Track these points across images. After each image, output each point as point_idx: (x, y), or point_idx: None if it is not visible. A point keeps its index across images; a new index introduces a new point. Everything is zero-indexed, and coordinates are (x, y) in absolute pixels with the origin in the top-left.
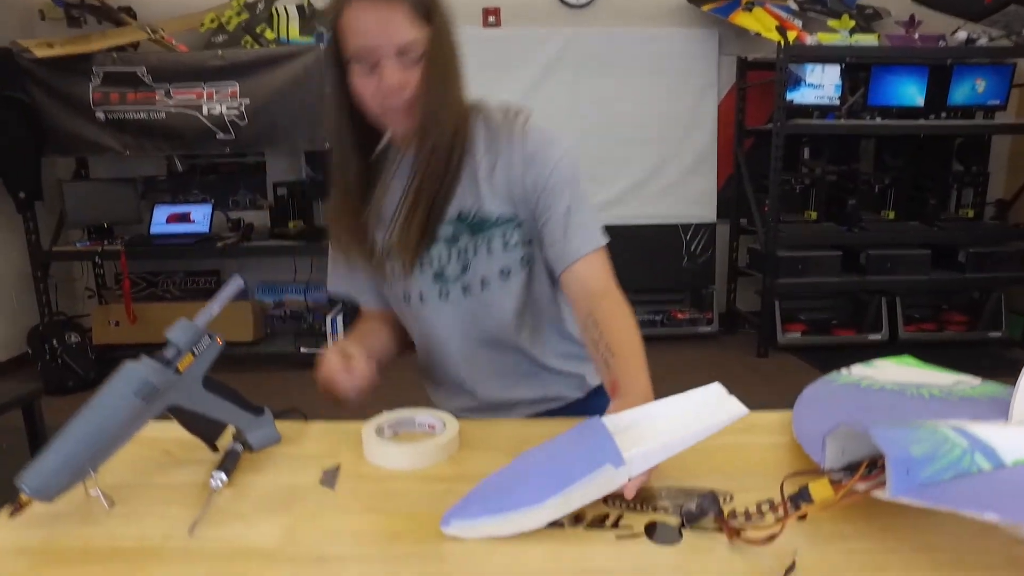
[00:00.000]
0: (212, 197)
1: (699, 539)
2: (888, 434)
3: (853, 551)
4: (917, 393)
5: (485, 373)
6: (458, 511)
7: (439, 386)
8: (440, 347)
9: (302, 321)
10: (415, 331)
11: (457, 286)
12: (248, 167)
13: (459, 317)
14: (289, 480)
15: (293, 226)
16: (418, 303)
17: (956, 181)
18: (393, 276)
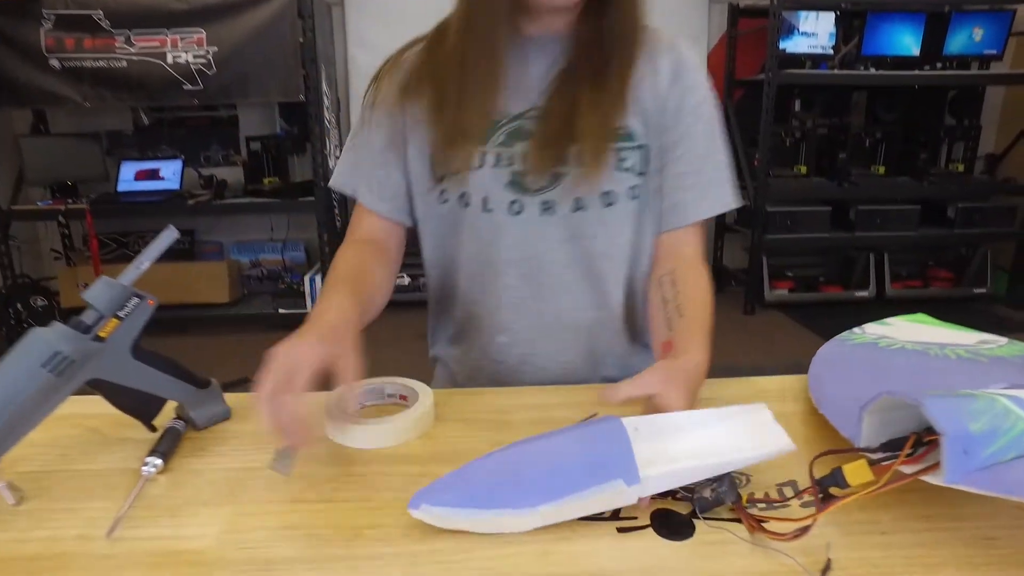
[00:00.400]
0: (182, 153)
1: (714, 532)
2: (942, 406)
3: (893, 545)
4: (942, 353)
5: (536, 331)
6: (431, 494)
7: (459, 336)
8: (487, 282)
9: (280, 281)
10: (456, 251)
11: (536, 201)
12: (219, 121)
13: (530, 243)
14: (236, 464)
15: (268, 182)
16: (478, 212)
17: (948, 135)
18: (459, 168)
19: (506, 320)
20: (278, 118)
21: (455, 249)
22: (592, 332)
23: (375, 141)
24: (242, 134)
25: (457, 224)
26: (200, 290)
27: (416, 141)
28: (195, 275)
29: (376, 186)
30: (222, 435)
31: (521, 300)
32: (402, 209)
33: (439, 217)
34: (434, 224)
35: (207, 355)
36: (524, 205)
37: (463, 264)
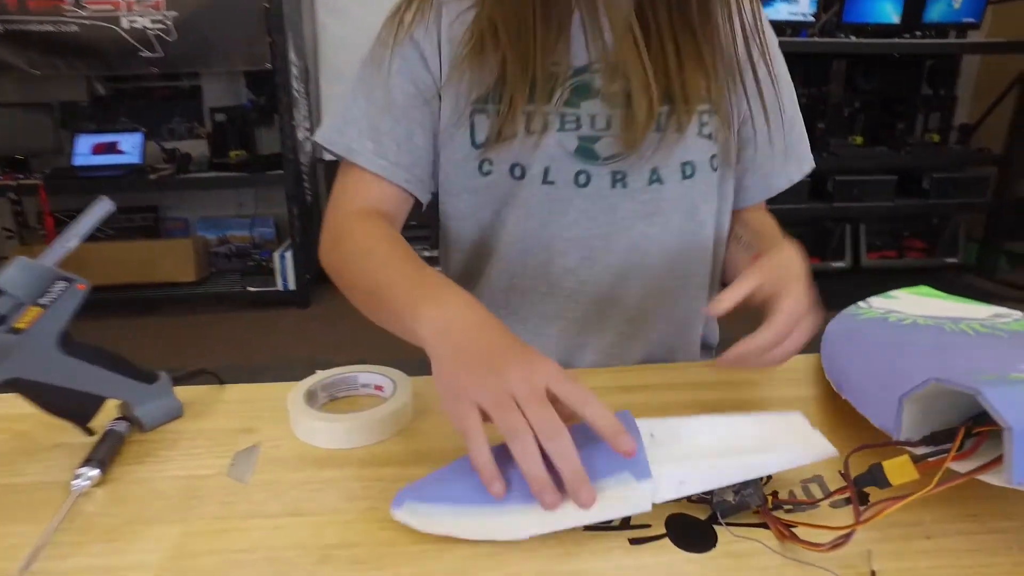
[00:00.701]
0: (143, 125)
1: (739, 541)
2: (1005, 396)
3: (942, 552)
4: (958, 328)
5: (593, 322)
6: (418, 491)
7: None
8: (537, 265)
9: (248, 258)
10: (498, 230)
11: (606, 171)
12: (182, 91)
13: (596, 220)
14: (188, 470)
15: (235, 156)
16: (536, 184)
17: (924, 105)
18: (512, 133)
19: (558, 309)
20: (244, 88)
21: (496, 227)
22: (664, 323)
23: (396, 90)
24: (206, 105)
25: (503, 199)
26: (165, 268)
27: (451, 96)
28: (159, 253)
29: (393, 147)
30: (173, 437)
31: (580, 286)
32: (420, 178)
33: (476, 191)
34: (469, 199)
35: (174, 336)
36: (592, 176)
37: (506, 245)
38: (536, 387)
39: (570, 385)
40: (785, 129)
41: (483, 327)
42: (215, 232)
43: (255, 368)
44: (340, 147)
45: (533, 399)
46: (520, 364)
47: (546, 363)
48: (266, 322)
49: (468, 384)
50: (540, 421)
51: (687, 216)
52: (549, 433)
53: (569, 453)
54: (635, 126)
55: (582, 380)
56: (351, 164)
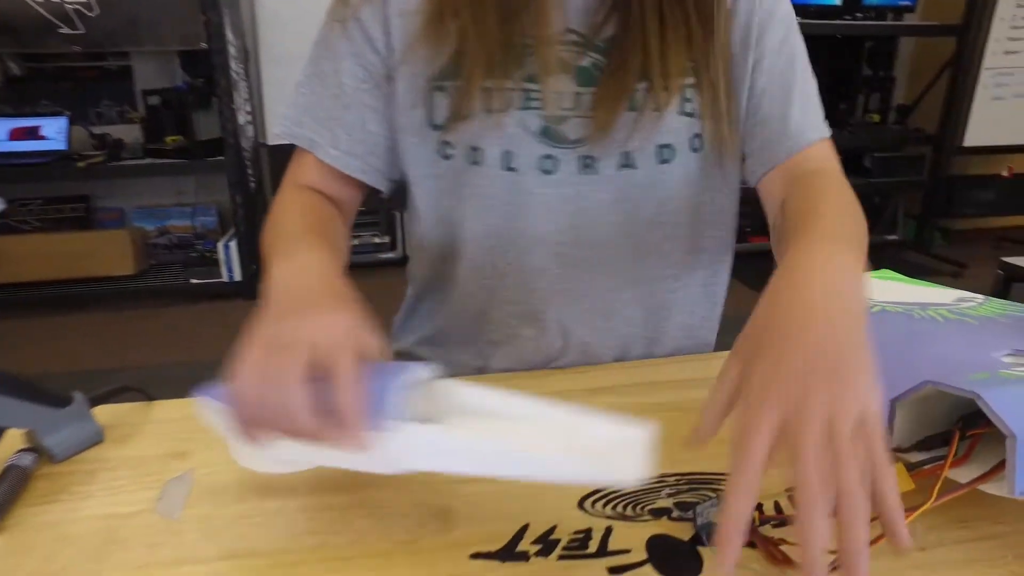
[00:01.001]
0: (67, 108)
1: None
2: (1005, 400)
3: (938, 566)
4: (926, 315)
5: (574, 323)
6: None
7: (449, 335)
8: (507, 263)
9: (191, 249)
10: (462, 224)
11: (573, 155)
12: (110, 72)
13: (566, 212)
14: (108, 508)
15: (171, 141)
16: (496, 170)
17: (865, 85)
18: (469, 111)
19: (532, 310)
20: (179, 69)
21: (459, 222)
22: (644, 318)
23: (345, 76)
24: (138, 87)
25: (463, 187)
26: (100, 262)
27: (407, 75)
28: (93, 245)
29: (344, 136)
30: (90, 467)
31: (553, 284)
32: (377, 168)
33: (437, 178)
34: (430, 187)
35: (111, 334)
36: (559, 161)
37: (471, 243)
38: (337, 337)
39: (341, 355)
40: (790, 91)
41: (317, 282)
42: (153, 222)
43: (201, 365)
44: (302, 140)
45: (335, 346)
46: (325, 315)
47: (346, 323)
48: (212, 315)
49: (265, 331)
50: (343, 365)
51: (660, 204)
52: (343, 380)
53: (357, 403)
54: (606, 104)
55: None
56: (304, 151)
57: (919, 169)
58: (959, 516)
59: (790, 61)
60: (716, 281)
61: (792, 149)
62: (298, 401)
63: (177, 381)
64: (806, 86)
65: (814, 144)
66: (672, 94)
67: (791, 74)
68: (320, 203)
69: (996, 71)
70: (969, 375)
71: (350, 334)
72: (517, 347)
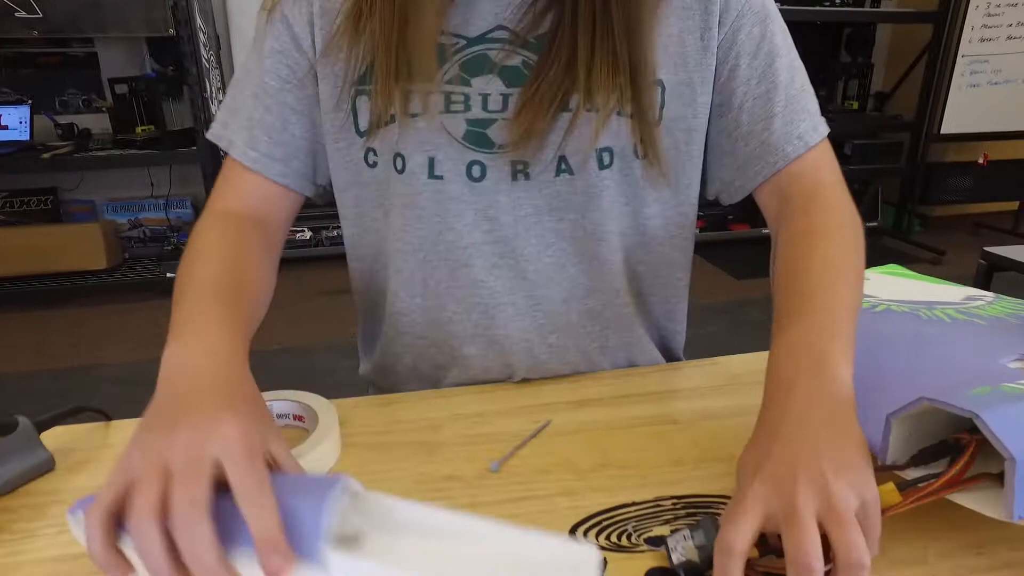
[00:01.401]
0: (30, 97)
1: None
2: (1005, 420)
3: None
4: (933, 315)
5: (520, 338)
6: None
7: (390, 353)
8: (440, 278)
9: (165, 242)
10: (390, 235)
11: (503, 161)
12: (75, 60)
13: (497, 221)
14: (57, 549)
15: (141, 131)
16: (421, 179)
17: (844, 72)
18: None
19: (473, 327)
20: (147, 56)
21: (388, 234)
22: (588, 329)
23: (268, 76)
24: (104, 75)
25: (390, 197)
26: (71, 256)
27: (330, 78)
28: (63, 239)
29: (264, 137)
30: (38, 501)
31: (493, 298)
32: (300, 172)
33: (363, 186)
34: (356, 196)
35: (85, 330)
36: (487, 168)
37: (401, 256)
38: (198, 459)
39: (243, 469)
40: (772, 92)
41: (206, 374)
42: (126, 215)
43: None
44: (224, 141)
45: (187, 473)
46: (198, 425)
47: (236, 430)
48: None
49: (137, 442)
50: (178, 502)
51: (603, 212)
52: (180, 521)
53: (202, 550)
54: (532, 107)
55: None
56: (229, 157)
57: (897, 155)
58: (974, 541)
59: (769, 63)
60: (671, 298)
61: (777, 164)
62: (192, 537)
63: (152, 379)
64: (790, 88)
65: (803, 154)
66: (610, 95)
67: (771, 79)
68: (240, 240)
69: (972, 58)
70: (969, 390)
71: (250, 441)
72: (464, 368)
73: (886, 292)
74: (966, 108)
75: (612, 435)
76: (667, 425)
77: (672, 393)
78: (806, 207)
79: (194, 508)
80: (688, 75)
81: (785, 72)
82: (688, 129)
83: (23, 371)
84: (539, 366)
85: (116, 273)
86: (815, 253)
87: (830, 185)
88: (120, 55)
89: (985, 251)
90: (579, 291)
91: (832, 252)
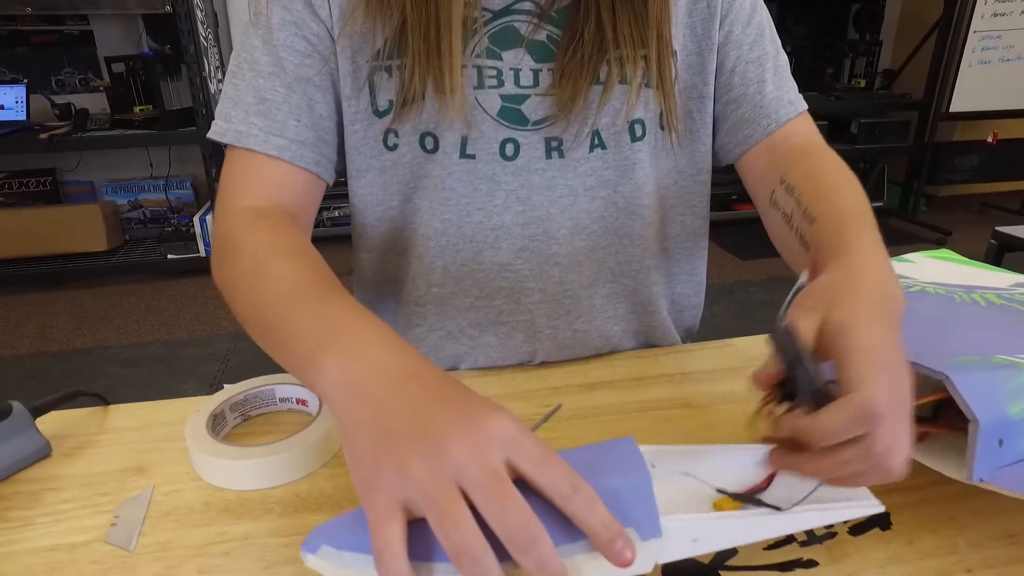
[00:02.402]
0: (25, 76)
1: None
2: (975, 383)
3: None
4: (970, 299)
5: (546, 323)
6: (337, 532)
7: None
8: (465, 260)
9: (166, 223)
10: (411, 218)
11: (537, 138)
12: (70, 38)
13: (531, 201)
14: (53, 539)
15: (139, 111)
16: (453, 159)
17: (851, 50)
18: (418, 95)
19: (495, 314)
20: (144, 35)
21: (410, 218)
22: (611, 313)
23: (283, 50)
24: (100, 54)
25: (415, 180)
26: (71, 238)
27: (346, 53)
28: (63, 221)
29: (291, 121)
30: (34, 488)
31: (519, 283)
32: (330, 158)
33: (382, 170)
34: (374, 181)
35: (86, 312)
36: (520, 146)
37: (423, 240)
38: (492, 467)
39: (548, 465)
40: (763, 66)
41: (406, 380)
42: (125, 196)
43: (180, 343)
44: (230, 135)
45: (491, 487)
46: (465, 433)
47: (501, 422)
48: (189, 292)
49: (389, 473)
50: (507, 524)
51: (637, 186)
52: (522, 541)
53: (550, 565)
54: (569, 79)
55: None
56: (240, 151)
57: (904, 135)
58: (1006, 530)
59: (759, 33)
60: (695, 270)
61: (770, 126)
62: (538, 535)
63: (156, 361)
64: (778, 58)
65: (793, 119)
66: (637, 64)
67: (762, 47)
68: (291, 236)
69: (984, 34)
70: (951, 358)
71: (527, 431)
72: (483, 354)
73: (926, 275)
74: (976, 86)
75: (625, 419)
76: (681, 408)
77: (685, 376)
78: (806, 152)
79: (528, 522)
80: (697, 44)
81: (771, 44)
82: (700, 97)
83: (24, 353)
84: (562, 352)
85: (117, 255)
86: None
87: (822, 146)
88: (116, 33)
89: (996, 231)
90: (606, 274)
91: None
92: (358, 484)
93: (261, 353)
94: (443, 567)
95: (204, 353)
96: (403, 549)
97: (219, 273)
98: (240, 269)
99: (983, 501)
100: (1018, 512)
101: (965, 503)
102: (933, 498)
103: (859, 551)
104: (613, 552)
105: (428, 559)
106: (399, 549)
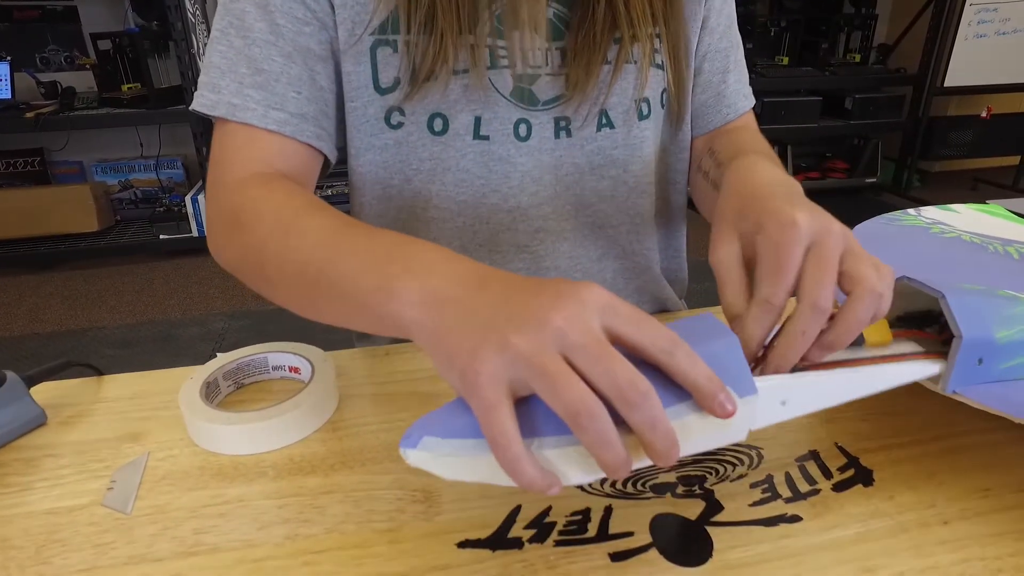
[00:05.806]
0: (8, 54)
1: (741, 546)
2: (967, 304)
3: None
4: (1004, 251)
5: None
6: (439, 424)
7: None
8: (479, 243)
9: (157, 204)
10: (419, 200)
11: (547, 118)
12: (54, 14)
13: (543, 181)
14: (49, 503)
15: (127, 89)
16: (466, 140)
17: (847, 24)
18: (428, 74)
19: None
20: (129, 11)
21: (415, 200)
22: (626, 288)
23: (280, 15)
24: (86, 31)
25: (421, 162)
26: (61, 219)
27: (345, 23)
28: (52, 201)
29: (291, 93)
30: (30, 455)
31: (535, 264)
32: (330, 132)
33: (383, 149)
34: (374, 160)
35: (79, 293)
36: (532, 127)
37: (431, 224)
38: (592, 331)
39: (646, 326)
40: (726, 63)
41: (487, 279)
42: (115, 176)
43: (172, 323)
44: (221, 107)
45: (595, 349)
46: (561, 305)
47: (592, 291)
48: (182, 272)
49: (490, 357)
50: (616, 383)
51: (644, 165)
52: (633, 398)
53: (660, 422)
54: (582, 59)
55: None
56: (234, 124)
57: (898, 110)
58: (982, 484)
59: (729, 24)
60: (679, 246)
61: (729, 115)
62: (643, 385)
63: (150, 341)
64: (739, 51)
65: (744, 113)
66: (645, 43)
67: (730, 38)
68: (313, 195)
69: (980, 7)
70: (961, 285)
71: (617, 299)
72: None
73: (963, 223)
74: (972, 60)
75: None
76: None
77: None
78: (738, 130)
79: (636, 379)
80: (686, 26)
81: (736, 36)
82: (688, 77)
83: (17, 335)
84: None
85: (108, 236)
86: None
87: (755, 129)
88: (101, 9)
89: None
90: (622, 250)
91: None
92: (459, 381)
93: (256, 331)
94: (552, 441)
95: (199, 332)
96: (517, 432)
97: (230, 247)
98: (262, 233)
99: (961, 458)
100: (994, 467)
101: (944, 460)
102: (915, 455)
103: (842, 507)
104: (716, 404)
105: (536, 436)
106: (514, 433)
